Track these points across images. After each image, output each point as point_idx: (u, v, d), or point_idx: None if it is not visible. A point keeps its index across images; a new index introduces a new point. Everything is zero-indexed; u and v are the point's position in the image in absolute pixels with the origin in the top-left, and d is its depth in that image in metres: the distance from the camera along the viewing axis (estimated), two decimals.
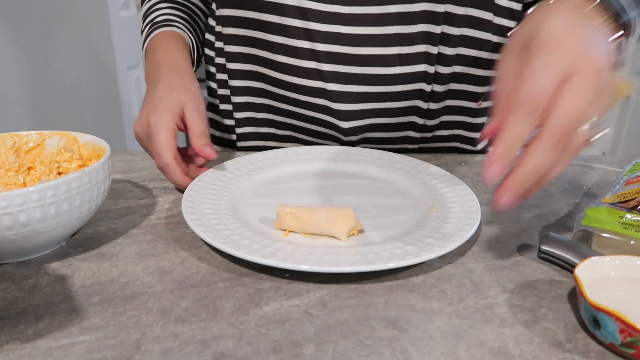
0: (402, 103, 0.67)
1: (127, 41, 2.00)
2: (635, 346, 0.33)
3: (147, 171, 0.65)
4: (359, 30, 0.61)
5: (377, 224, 0.49)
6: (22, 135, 0.55)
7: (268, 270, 0.43)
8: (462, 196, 0.53)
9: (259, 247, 0.43)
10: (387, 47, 0.62)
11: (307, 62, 0.64)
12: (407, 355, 0.34)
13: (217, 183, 0.56)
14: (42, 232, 0.43)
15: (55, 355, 0.34)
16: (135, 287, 0.42)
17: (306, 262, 0.41)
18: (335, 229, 0.46)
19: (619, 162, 0.69)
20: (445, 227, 0.47)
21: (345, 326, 0.37)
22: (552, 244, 0.44)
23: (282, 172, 0.62)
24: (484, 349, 0.35)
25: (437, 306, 0.39)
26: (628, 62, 2.61)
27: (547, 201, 0.57)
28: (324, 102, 0.66)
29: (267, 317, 0.38)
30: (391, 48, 0.62)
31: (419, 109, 0.68)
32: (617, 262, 0.39)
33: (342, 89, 0.65)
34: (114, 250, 0.47)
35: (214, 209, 0.50)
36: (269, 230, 0.48)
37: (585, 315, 0.36)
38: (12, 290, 0.41)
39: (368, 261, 0.41)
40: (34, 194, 0.40)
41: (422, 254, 0.42)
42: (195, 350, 0.35)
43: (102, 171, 0.46)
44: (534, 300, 0.40)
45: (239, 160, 0.62)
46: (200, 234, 0.45)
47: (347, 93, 0.65)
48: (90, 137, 0.54)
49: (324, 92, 0.65)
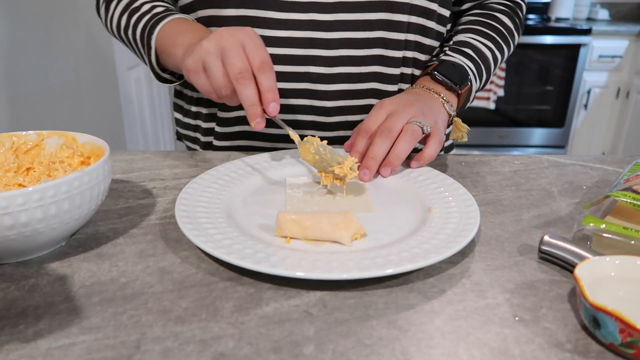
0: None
1: None
2: (635, 346, 0.33)
3: (147, 171, 0.65)
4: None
5: (378, 228, 0.49)
6: (20, 136, 0.55)
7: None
8: (462, 200, 0.53)
9: (264, 256, 0.42)
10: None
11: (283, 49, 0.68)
12: (407, 355, 0.34)
13: (208, 190, 0.55)
14: (43, 232, 0.43)
15: (55, 355, 0.34)
16: (135, 287, 0.42)
17: (316, 270, 0.40)
18: (339, 234, 0.46)
19: (619, 162, 0.69)
20: (448, 227, 0.48)
21: (345, 326, 0.37)
22: (552, 244, 0.44)
23: (278, 175, 0.61)
24: (484, 349, 0.35)
25: (437, 306, 0.39)
26: (628, 62, 2.61)
27: (547, 201, 0.58)
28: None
29: (267, 317, 0.38)
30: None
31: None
32: (617, 262, 0.39)
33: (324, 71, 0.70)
34: (114, 250, 0.47)
35: (210, 217, 0.49)
36: (270, 238, 0.47)
37: (585, 315, 0.36)
38: (12, 290, 0.41)
39: (378, 266, 0.41)
40: (34, 193, 0.40)
41: (430, 256, 0.42)
42: (195, 350, 0.35)
43: (102, 171, 0.46)
44: (534, 300, 0.40)
45: (228, 165, 0.61)
46: (200, 244, 0.44)
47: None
48: (89, 137, 0.54)
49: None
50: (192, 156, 0.70)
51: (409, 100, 0.62)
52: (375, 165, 0.58)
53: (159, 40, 0.65)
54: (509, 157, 0.71)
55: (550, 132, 2.76)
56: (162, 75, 0.69)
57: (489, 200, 0.58)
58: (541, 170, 0.67)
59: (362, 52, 0.69)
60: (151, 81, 2.28)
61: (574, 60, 2.59)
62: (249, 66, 0.54)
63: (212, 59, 0.54)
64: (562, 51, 2.57)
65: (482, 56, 0.73)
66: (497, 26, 0.76)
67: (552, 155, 0.72)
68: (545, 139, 2.77)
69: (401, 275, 0.43)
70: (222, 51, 0.54)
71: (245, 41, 0.54)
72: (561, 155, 0.72)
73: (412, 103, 0.61)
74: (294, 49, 0.68)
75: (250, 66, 0.54)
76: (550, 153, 2.67)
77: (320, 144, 0.58)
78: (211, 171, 0.59)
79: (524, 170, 0.66)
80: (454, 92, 0.68)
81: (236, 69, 0.53)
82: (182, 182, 0.61)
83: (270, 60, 0.55)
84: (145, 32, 0.66)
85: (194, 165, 0.67)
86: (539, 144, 2.79)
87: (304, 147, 0.58)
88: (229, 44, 0.54)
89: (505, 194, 0.59)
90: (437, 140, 0.61)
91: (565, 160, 0.70)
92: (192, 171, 0.65)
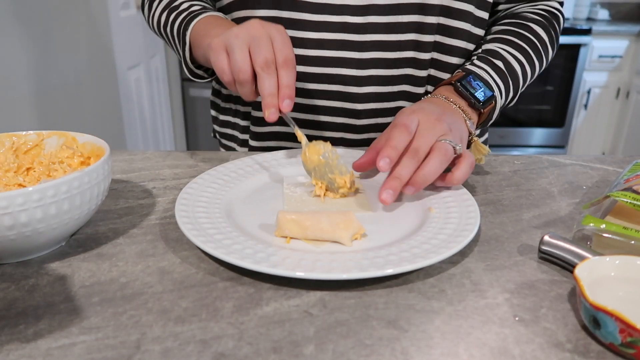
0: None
1: (127, 41, 2.00)
2: (635, 346, 0.33)
3: (147, 171, 0.65)
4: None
5: (377, 228, 0.49)
6: (20, 136, 0.55)
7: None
8: (462, 200, 0.53)
9: (264, 256, 0.42)
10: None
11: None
12: (407, 355, 0.34)
13: (208, 190, 0.55)
14: (43, 232, 0.43)
15: (55, 355, 0.34)
16: (135, 287, 0.42)
17: (316, 270, 0.40)
18: (339, 234, 0.46)
19: (619, 162, 0.69)
20: (448, 227, 0.48)
21: (345, 326, 0.37)
22: (552, 244, 0.44)
23: (278, 175, 0.61)
24: (484, 349, 0.35)
25: (437, 306, 0.39)
26: (628, 62, 2.61)
27: (547, 201, 0.58)
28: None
29: (267, 317, 0.38)
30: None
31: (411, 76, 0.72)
32: (617, 262, 0.39)
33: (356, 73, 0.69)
34: (114, 250, 0.47)
35: (210, 217, 0.49)
36: (270, 238, 0.47)
37: (585, 315, 0.36)
38: (12, 290, 0.41)
39: (378, 266, 0.41)
40: (34, 193, 0.40)
41: (430, 256, 0.42)
42: (195, 350, 0.35)
43: (102, 171, 0.46)
44: (534, 300, 0.40)
45: (228, 165, 0.61)
46: (200, 244, 0.44)
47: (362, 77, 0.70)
48: (89, 137, 0.54)
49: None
50: (192, 156, 0.70)
51: (437, 113, 0.57)
52: (399, 185, 0.52)
53: (193, 34, 0.66)
54: (509, 157, 0.71)
55: (550, 132, 2.76)
56: (195, 71, 0.70)
57: (489, 200, 0.58)
58: (541, 170, 0.67)
59: (393, 54, 0.68)
60: (151, 81, 2.28)
61: (574, 60, 2.59)
62: (274, 59, 0.55)
63: (239, 42, 0.55)
64: (562, 51, 2.57)
65: (510, 70, 0.67)
66: (531, 37, 0.70)
67: (552, 155, 0.72)
68: (545, 139, 2.78)
69: (401, 275, 0.43)
70: (251, 39, 0.55)
71: (274, 35, 0.55)
72: (561, 155, 0.72)
73: (440, 117, 0.56)
74: (326, 51, 0.68)
75: (275, 60, 0.55)
76: (550, 153, 2.67)
77: (330, 149, 0.57)
78: (211, 171, 0.59)
79: (524, 170, 0.66)
80: (476, 109, 0.63)
81: (263, 58, 0.54)
82: (182, 182, 0.61)
83: (295, 59, 0.56)
84: (182, 28, 0.68)
85: (194, 165, 0.67)
86: (539, 144, 2.79)
87: (313, 148, 0.57)
88: (259, 34, 0.55)
89: (505, 194, 0.59)
90: (468, 162, 0.55)
91: (565, 160, 0.70)
92: (192, 171, 0.65)
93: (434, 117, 0.56)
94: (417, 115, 0.55)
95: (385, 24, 0.67)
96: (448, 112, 0.58)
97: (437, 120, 0.55)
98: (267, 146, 0.77)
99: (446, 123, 0.56)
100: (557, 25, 0.75)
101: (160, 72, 2.42)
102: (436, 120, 0.55)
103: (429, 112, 0.56)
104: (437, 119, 0.55)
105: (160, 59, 2.40)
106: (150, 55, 2.27)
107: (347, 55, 0.68)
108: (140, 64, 2.16)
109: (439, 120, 0.55)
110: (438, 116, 0.56)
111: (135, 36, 2.09)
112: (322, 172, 0.56)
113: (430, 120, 0.55)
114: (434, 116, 0.56)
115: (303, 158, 0.58)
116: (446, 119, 0.56)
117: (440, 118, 0.56)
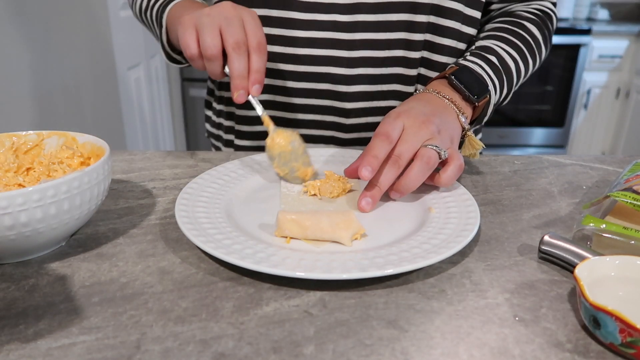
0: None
1: (127, 41, 2.00)
2: (635, 346, 0.33)
3: (147, 171, 0.65)
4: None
5: (377, 228, 0.49)
6: (20, 136, 0.55)
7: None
8: (462, 200, 0.53)
9: (264, 256, 0.42)
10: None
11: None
12: (407, 355, 0.34)
13: (208, 190, 0.55)
14: (43, 232, 0.43)
15: (55, 355, 0.34)
16: (135, 287, 0.42)
17: (316, 270, 0.40)
18: (339, 234, 0.46)
19: (619, 162, 0.69)
20: (448, 227, 0.48)
21: (345, 326, 0.37)
22: (552, 244, 0.44)
23: (277, 175, 0.61)
24: (484, 349, 0.35)
25: (437, 306, 0.39)
26: (628, 62, 2.61)
27: (547, 201, 0.58)
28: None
29: (267, 317, 0.38)
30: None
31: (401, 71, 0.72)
32: (617, 262, 0.39)
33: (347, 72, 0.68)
34: (114, 250, 0.47)
35: (210, 217, 0.49)
36: (270, 238, 0.47)
37: (585, 315, 0.36)
38: (12, 290, 0.41)
39: (378, 266, 0.41)
40: (34, 193, 0.40)
41: (430, 256, 0.42)
42: (195, 350, 0.35)
43: (102, 171, 0.46)
44: (534, 300, 0.40)
45: (228, 165, 0.61)
46: (200, 244, 0.44)
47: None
48: (89, 137, 0.54)
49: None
50: (192, 156, 0.70)
51: (424, 115, 0.55)
52: (379, 193, 0.53)
53: (170, 17, 0.66)
54: (509, 157, 0.71)
55: (550, 132, 2.76)
56: (173, 55, 0.71)
57: (489, 200, 0.58)
58: (541, 170, 0.67)
59: (383, 53, 0.68)
60: (151, 81, 2.28)
61: (574, 60, 2.59)
62: (245, 41, 0.55)
63: (210, 21, 0.55)
64: (562, 51, 2.57)
65: (504, 66, 0.66)
66: (525, 35, 0.70)
67: (552, 155, 0.72)
68: (545, 139, 2.78)
69: (401, 275, 0.43)
70: (222, 19, 0.55)
71: (246, 18, 0.55)
72: (561, 155, 0.72)
73: (428, 119, 0.54)
74: (316, 50, 0.68)
75: (246, 42, 0.55)
76: (550, 153, 2.67)
77: (298, 138, 0.58)
78: (211, 171, 0.59)
79: (524, 170, 0.66)
80: (470, 102, 0.61)
81: (234, 39, 0.54)
82: (182, 182, 0.61)
83: (266, 44, 0.56)
84: (159, 12, 0.68)
85: (194, 165, 0.67)
86: (539, 144, 2.79)
87: (283, 134, 0.58)
88: (231, 15, 0.55)
89: (505, 194, 0.59)
90: (456, 165, 0.54)
91: (565, 160, 0.70)
92: (192, 171, 0.65)
93: (420, 119, 0.54)
94: (402, 119, 0.54)
95: (375, 23, 0.67)
96: (438, 111, 0.57)
97: (424, 122, 0.54)
98: (253, 145, 0.76)
99: (434, 125, 0.54)
100: (551, 25, 0.75)
101: (160, 72, 2.42)
102: (422, 123, 0.54)
103: (416, 115, 0.55)
104: (423, 121, 0.54)
105: (160, 58, 2.40)
106: (150, 55, 2.27)
107: (337, 54, 0.68)
108: (140, 64, 2.16)
109: (426, 123, 0.54)
110: (425, 118, 0.54)
111: (135, 36, 2.09)
112: (286, 159, 0.57)
113: (416, 124, 0.54)
114: (420, 119, 0.54)
115: (269, 142, 0.58)
116: (435, 120, 0.55)
117: (428, 120, 0.54)
